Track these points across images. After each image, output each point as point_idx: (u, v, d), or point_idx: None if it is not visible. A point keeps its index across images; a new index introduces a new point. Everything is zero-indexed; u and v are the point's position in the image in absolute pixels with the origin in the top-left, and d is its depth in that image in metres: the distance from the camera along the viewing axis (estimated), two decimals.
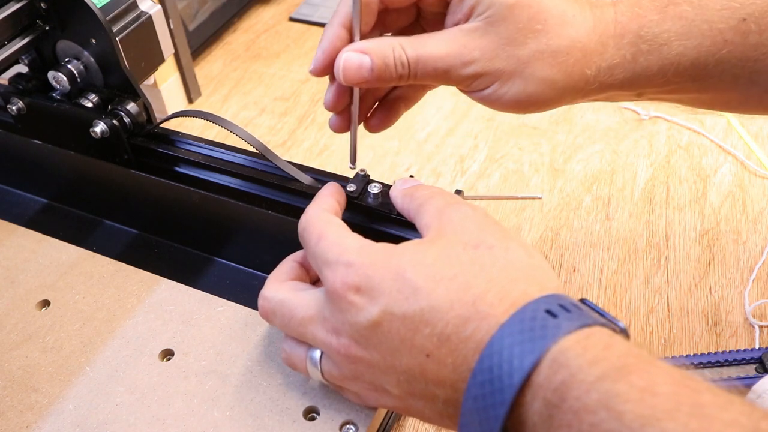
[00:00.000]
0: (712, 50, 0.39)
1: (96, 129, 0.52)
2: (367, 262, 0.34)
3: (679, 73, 0.40)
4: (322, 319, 0.36)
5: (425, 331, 0.32)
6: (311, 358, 0.38)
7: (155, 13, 0.55)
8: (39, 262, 0.52)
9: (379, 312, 0.33)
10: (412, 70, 0.40)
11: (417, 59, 0.39)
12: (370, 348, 0.34)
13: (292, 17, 0.86)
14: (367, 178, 0.48)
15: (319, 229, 0.38)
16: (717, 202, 0.60)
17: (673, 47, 0.40)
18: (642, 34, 0.40)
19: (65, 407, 0.44)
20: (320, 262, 0.36)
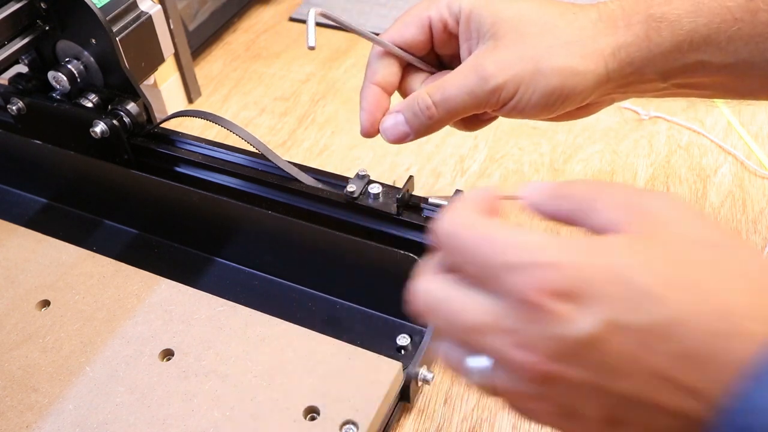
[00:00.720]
0: (723, 27, 0.40)
1: (96, 129, 0.52)
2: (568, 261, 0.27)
3: (694, 49, 0.40)
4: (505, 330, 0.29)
5: (663, 348, 0.26)
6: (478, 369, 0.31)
7: (155, 13, 0.55)
8: (39, 262, 0.52)
9: (598, 323, 0.27)
10: (441, 110, 0.42)
11: (442, 99, 0.41)
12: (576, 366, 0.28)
13: (292, 17, 0.86)
14: (367, 178, 0.48)
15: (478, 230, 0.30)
16: (717, 202, 0.60)
17: (684, 24, 0.40)
18: (651, 13, 0.40)
19: (65, 407, 0.44)
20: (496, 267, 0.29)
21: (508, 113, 0.42)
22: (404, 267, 0.46)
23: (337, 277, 0.50)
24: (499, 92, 0.41)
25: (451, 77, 0.42)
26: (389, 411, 0.45)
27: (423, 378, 0.46)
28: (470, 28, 0.42)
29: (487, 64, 0.41)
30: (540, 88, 0.40)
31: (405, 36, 0.44)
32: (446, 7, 0.43)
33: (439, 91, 0.42)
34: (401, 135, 0.43)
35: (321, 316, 0.50)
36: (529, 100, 0.41)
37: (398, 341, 0.48)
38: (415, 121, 0.43)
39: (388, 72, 0.45)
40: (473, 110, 0.42)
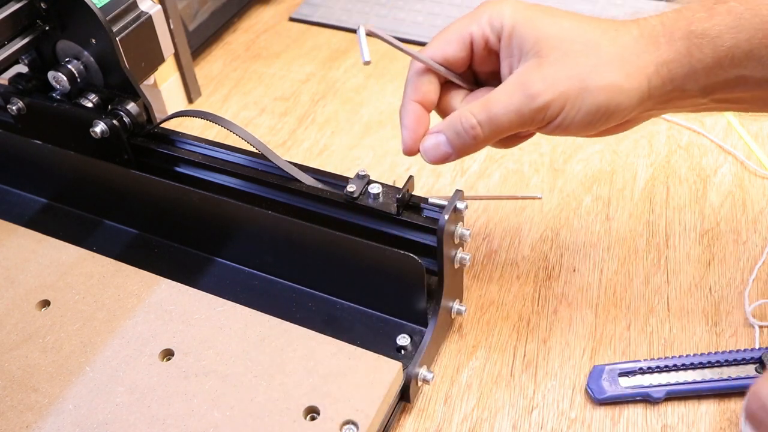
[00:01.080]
0: (765, 42, 0.40)
1: (96, 129, 0.52)
2: None
3: (736, 65, 0.40)
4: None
5: None
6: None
7: (155, 13, 0.55)
8: (39, 262, 0.52)
9: None
10: (486, 128, 0.41)
11: (488, 118, 0.41)
12: None
13: (292, 17, 0.86)
14: (367, 178, 0.48)
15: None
16: (717, 202, 0.60)
17: (725, 40, 0.40)
18: (692, 29, 0.40)
19: (65, 407, 0.44)
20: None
21: (552, 131, 0.42)
22: (404, 267, 0.46)
23: (337, 277, 0.50)
24: (546, 110, 0.40)
25: (496, 95, 0.41)
26: (389, 411, 0.45)
27: (423, 378, 0.46)
28: (512, 45, 0.42)
29: (533, 81, 0.40)
30: (586, 106, 0.40)
31: (447, 52, 0.44)
32: (488, 23, 0.43)
33: (484, 110, 0.41)
34: (443, 156, 0.43)
35: (321, 316, 0.50)
36: (574, 118, 0.41)
37: (398, 341, 0.48)
38: (457, 141, 0.42)
39: (428, 89, 0.44)
40: (518, 128, 0.42)
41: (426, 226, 0.46)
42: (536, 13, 0.42)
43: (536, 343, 0.51)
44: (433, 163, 0.44)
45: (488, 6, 0.43)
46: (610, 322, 0.52)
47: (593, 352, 0.50)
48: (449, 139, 0.43)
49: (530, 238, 0.58)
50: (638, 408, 0.47)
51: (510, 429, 0.46)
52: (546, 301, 0.54)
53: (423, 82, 0.44)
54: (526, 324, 0.52)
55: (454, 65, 0.44)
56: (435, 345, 0.49)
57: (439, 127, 0.43)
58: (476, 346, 0.51)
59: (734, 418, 0.46)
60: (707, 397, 0.47)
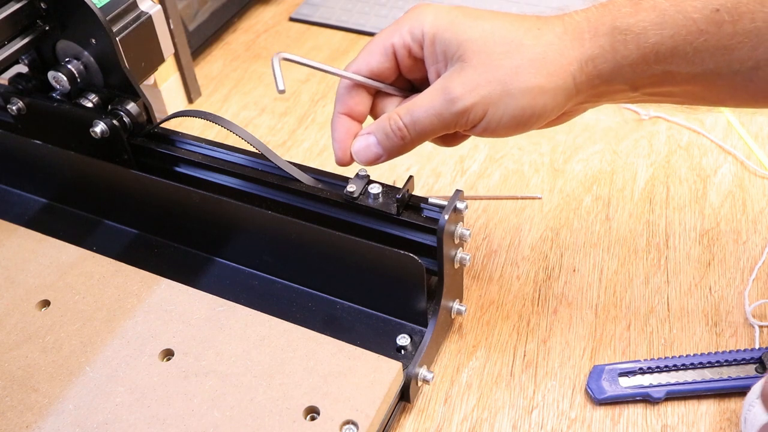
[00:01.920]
0: (689, 39, 0.40)
1: (96, 129, 0.52)
2: None
3: (661, 61, 0.40)
4: None
5: None
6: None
7: (155, 13, 0.55)
8: (39, 262, 0.52)
9: None
10: (412, 130, 0.42)
11: (412, 120, 0.42)
12: None
13: (292, 17, 0.86)
14: (368, 178, 0.48)
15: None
16: (717, 202, 0.60)
17: (650, 36, 0.40)
18: (617, 25, 0.40)
19: (65, 407, 0.44)
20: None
21: (480, 133, 0.43)
22: (404, 267, 0.46)
23: (337, 277, 0.50)
24: (467, 114, 0.41)
25: (418, 100, 0.42)
26: (389, 411, 0.45)
27: (423, 378, 0.46)
28: (436, 52, 0.43)
29: (454, 86, 0.41)
30: (510, 110, 0.41)
31: (371, 65, 0.45)
32: (408, 33, 0.43)
33: (408, 113, 0.42)
34: (373, 156, 0.44)
35: (321, 316, 0.50)
36: (499, 121, 0.41)
37: (398, 341, 0.48)
38: (387, 143, 0.43)
39: (357, 101, 0.45)
40: (442, 131, 0.43)
41: (426, 226, 0.46)
42: (458, 17, 0.42)
43: (536, 343, 0.51)
44: (365, 164, 0.45)
45: (410, 15, 0.44)
46: (610, 322, 0.52)
47: (593, 352, 0.50)
48: (379, 140, 0.44)
49: (530, 238, 0.58)
50: (638, 408, 0.47)
51: (510, 429, 0.46)
52: (546, 301, 0.54)
53: (350, 95, 0.45)
54: (526, 324, 0.52)
55: (381, 75, 0.45)
56: (435, 345, 0.49)
57: (369, 129, 0.44)
58: (476, 346, 0.51)
59: (734, 418, 0.46)
60: (707, 397, 0.47)
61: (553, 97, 0.41)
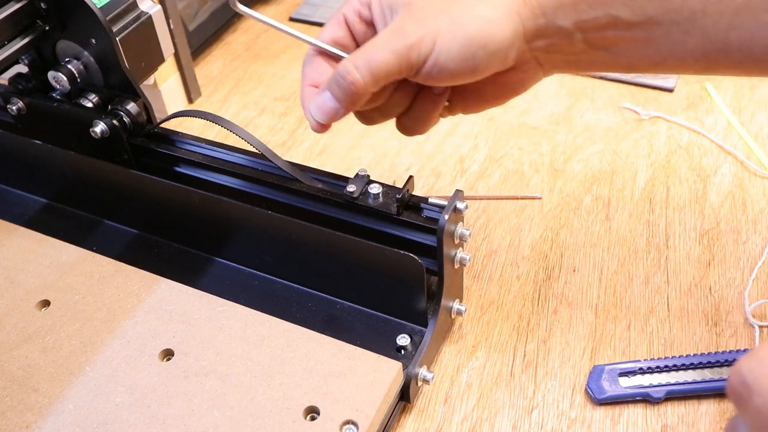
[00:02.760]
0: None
1: (96, 129, 0.52)
2: None
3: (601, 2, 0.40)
4: None
5: None
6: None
7: (155, 13, 0.55)
8: (39, 262, 0.52)
9: None
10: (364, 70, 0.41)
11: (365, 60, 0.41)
12: None
13: (292, 17, 0.86)
14: (367, 178, 0.48)
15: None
16: (717, 202, 0.60)
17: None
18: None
19: (65, 407, 0.44)
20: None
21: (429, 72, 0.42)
22: (404, 267, 0.46)
23: (337, 277, 0.50)
24: (419, 46, 0.41)
25: (372, 42, 0.42)
26: (389, 411, 0.45)
27: (423, 378, 0.46)
28: (383, 9, 0.44)
29: (404, 23, 0.41)
30: (459, 38, 0.41)
31: (325, 35, 0.45)
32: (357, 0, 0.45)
33: (360, 55, 0.42)
34: (330, 112, 0.43)
35: (321, 316, 0.50)
36: (449, 52, 0.41)
37: (398, 341, 0.48)
38: (339, 92, 0.42)
39: (322, 71, 0.45)
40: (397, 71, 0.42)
41: (426, 226, 0.46)
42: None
43: (536, 343, 0.51)
44: (325, 121, 0.43)
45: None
46: (610, 322, 0.52)
47: (593, 352, 0.50)
48: (333, 93, 0.42)
49: (530, 238, 0.58)
50: (638, 408, 0.47)
51: (510, 429, 0.46)
52: (546, 301, 0.54)
53: (314, 66, 0.45)
54: (526, 324, 0.52)
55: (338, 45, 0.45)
56: (435, 345, 0.49)
57: (322, 86, 0.43)
58: (476, 346, 0.51)
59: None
60: (707, 397, 0.47)
61: (499, 27, 0.41)
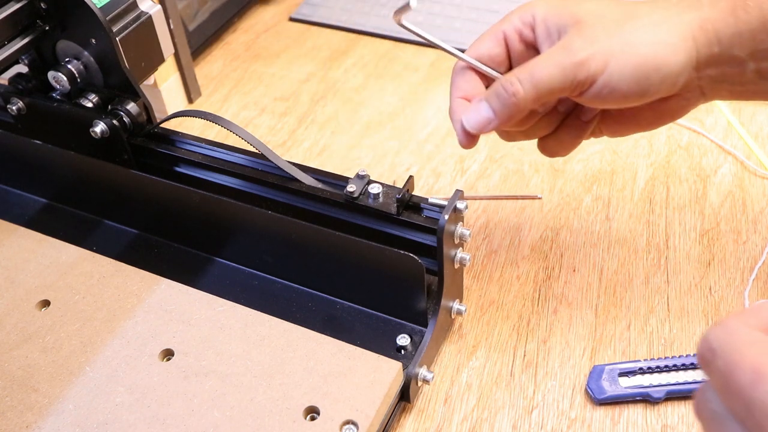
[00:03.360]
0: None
1: (96, 129, 0.52)
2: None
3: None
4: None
5: None
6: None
7: (155, 13, 0.55)
8: (39, 262, 0.52)
9: None
10: (527, 85, 0.41)
11: (529, 74, 0.41)
12: None
13: (292, 17, 0.86)
14: (367, 178, 0.48)
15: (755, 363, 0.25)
16: (717, 202, 0.60)
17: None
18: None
19: (65, 407, 0.44)
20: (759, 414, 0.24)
21: (598, 93, 0.41)
22: (404, 267, 0.46)
23: (337, 277, 0.50)
24: (588, 64, 0.40)
25: (538, 57, 0.41)
26: (389, 411, 0.45)
27: (423, 378, 0.46)
28: (549, 29, 0.42)
29: (572, 41, 0.40)
30: (632, 60, 0.39)
31: (481, 51, 0.44)
32: (518, 18, 0.44)
33: (525, 69, 0.41)
34: (484, 121, 0.42)
35: (321, 316, 0.50)
36: (621, 73, 0.40)
37: (398, 341, 0.48)
38: (498, 103, 0.42)
39: (472, 86, 0.44)
40: (560, 88, 0.41)
41: (426, 226, 0.46)
42: (567, 2, 0.43)
43: (536, 343, 0.51)
44: (476, 131, 0.43)
45: (518, 8, 0.45)
46: (610, 322, 0.52)
47: (593, 352, 0.50)
48: (491, 103, 0.42)
49: (530, 238, 0.58)
50: (638, 408, 0.47)
51: (510, 429, 0.46)
52: (546, 301, 0.54)
53: (465, 79, 0.45)
54: (526, 324, 0.52)
55: (491, 61, 0.45)
56: (435, 345, 0.49)
57: (478, 98, 0.43)
58: (476, 346, 0.51)
59: None
60: None
61: (674, 51, 0.40)
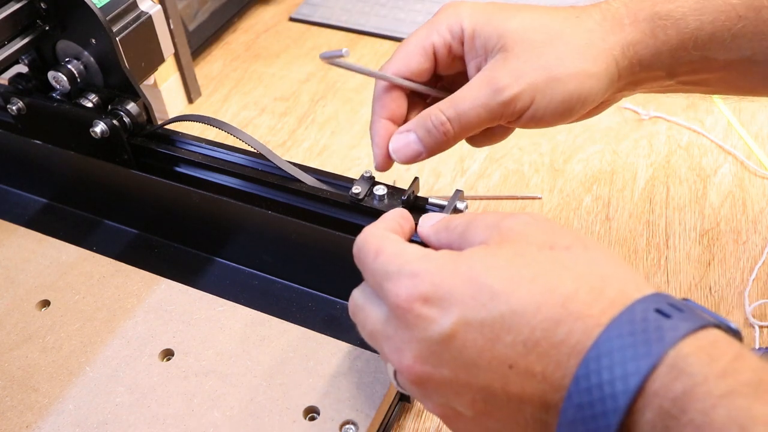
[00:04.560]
0: (728, 25, 0.40)
1: (96, 129, 0.52)
2: (434, 269, 0.31)
3: (699, 47, 0.41)
4: (387, 336, 0.33)
5: (508, 338, 0.29)
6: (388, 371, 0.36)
7: (155, 13, 0.55)
8: (39, 262, 0.52)
9: (452, 322, 0.30)
10: (456, 123, 0.41)
11: (456, 113, 0.41)
12: (440, 366, 0.31)
13: (292, 17, 0.86)
14: (373, 179, 0.48)
15: (376, 245, 0.34)
16: (717, 202, 0.60)
17: (690, 21, 0.40)
18: (656, 11, 0.41)
19: (65, 407, 0.44)
20: (380, 277, 0.33)
21: (525, 123, 0.42)
22: None
23: (337, 277, 0.50)
24: (514, 103, 0.40)
25: (462, 92, 0.41)
26: (389, 411, 0.45)
27: None
28: (476, 46, 0.42)
29: (500, 76, 0.40)
30: (558, 95, 0.40)
31: (411, 66, 0.43)
32: (447, 30, 0.42)
33: (451, 107, 0.41)
34: (414, 154, 0.42)
35: (321, 316, 0.50)
36: (546, 108, 0.40)
37: None
38: (428, 139, 0.42)
39: (396, 104, 0.44)
40: (488, 123, 0.41)
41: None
42: (495, 11, 0.42)
43: None
44: (404, 162, 0.43)
45: (445, 12, 0.43)
46: None
47: None
48: (420, 137, 0.42)
49: None
50: None
51: None
52: None
53: (390, 98, 0.44)
54: None
55: (419, 76, 0.44)
56: None
57: (407, 126, 0.43)
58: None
59: None
60: None
61: (597, 81, 0.40)
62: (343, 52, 0.40)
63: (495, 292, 0.29)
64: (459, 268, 0.31)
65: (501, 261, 0.31)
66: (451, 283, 0.30)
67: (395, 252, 0.33)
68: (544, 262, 0.30)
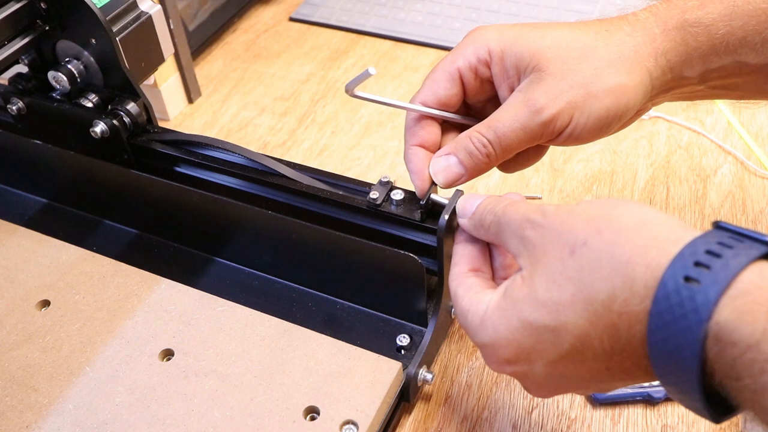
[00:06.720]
0: (758, 29, 0.40)
1: (96, 129, 0.52)
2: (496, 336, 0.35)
3: (730, 51, 0.41)
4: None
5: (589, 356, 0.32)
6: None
7: (155, 13, 0.55)
8: (39, 262, 0.52)
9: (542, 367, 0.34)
10: (497, 146, 0.41)
11: (496, 136, 0.41)
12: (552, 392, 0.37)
13: (292, 17, 0.86)
14: (390, 184, 0.48)
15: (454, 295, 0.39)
16: (717, 202, 0.60)
17: (719, 27, 0.40)
18: (686, 18, 0.41)
19: (65, 407, 0.44)
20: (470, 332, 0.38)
21: (564, 142, 0.42)
22: (404, 267, 0.46)
23: (337, 277, 0.50)
24: (554, 123, 0.40)
25: (500, 114, 0.41)
26: (389, 411, 0.45)
27: (423, 378, 0.46)
28: (506, 67, 0.42)
29: (537, 96, 0.40)
30: (595, 112, 0.40)
31: (438, 93, 0.43)
32: (473, 54, 0.42)
33: (491, 129, 0.41)
34: (455, 177, 0.43)
35: (321, 316, 0.50)
36: (585, 125, 0.40)
37: (398, 341, 0.48)
38: (469, 161, 0.42)
39: (428, 131, 0.44)
40: (527, 144, 0.42)
41: (426, 226, 0.46)
42: (523, 30, 0.42)
43: None
44: (445, 186, 0.43)
45: (470, 38, 0.43)
46: None
47: None
48: (461, 159, 0.42)
49: None
50: (638, 408, 0.47)
51: (510, 429, 0.46)
52: None
53: (420, 127, 0.44)
54: None
55: (449, 103, 0.44)
56: (435, 345, 0.49)
57: (447, 149, 0.43)
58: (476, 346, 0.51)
59: (734, 418, 0.46)
60: None
61: (634, 94, 0.41)
62: (369, 71, 0.40)
63: (551, 329, 0.33)
64: (511, 323, 0.34)
65: (540, 295, 0.33)
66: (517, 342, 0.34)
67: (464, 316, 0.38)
68: (573, 278, 0.32)
